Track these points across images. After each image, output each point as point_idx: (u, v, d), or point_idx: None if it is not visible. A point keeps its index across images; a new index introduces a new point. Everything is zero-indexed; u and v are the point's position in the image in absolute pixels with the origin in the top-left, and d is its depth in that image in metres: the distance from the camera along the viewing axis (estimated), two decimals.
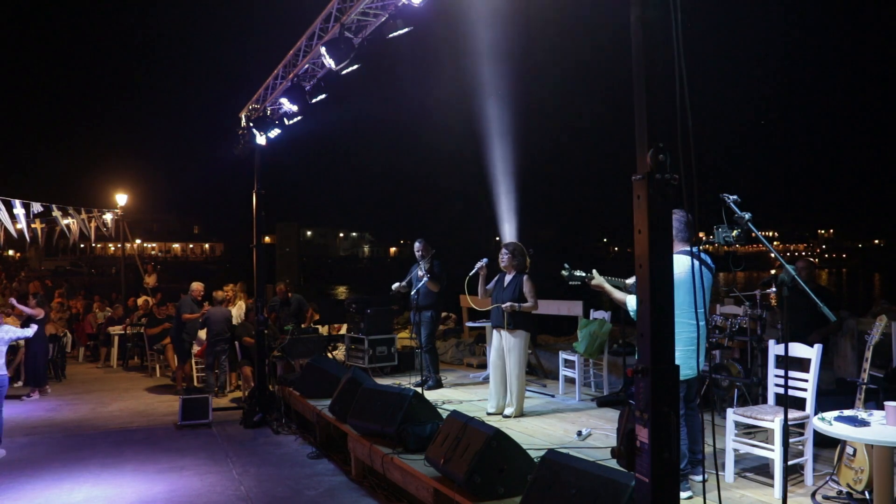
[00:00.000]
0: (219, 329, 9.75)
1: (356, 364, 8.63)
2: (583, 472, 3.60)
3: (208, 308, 10.01)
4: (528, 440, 5.51)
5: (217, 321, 9.79)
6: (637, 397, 2.75)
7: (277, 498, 5.58)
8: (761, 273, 35.70)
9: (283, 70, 7.68)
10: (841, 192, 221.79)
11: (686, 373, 4.21)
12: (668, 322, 2.75)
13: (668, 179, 2.68)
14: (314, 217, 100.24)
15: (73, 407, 9.40)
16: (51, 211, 14.69)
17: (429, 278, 7.85)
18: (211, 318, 9.79)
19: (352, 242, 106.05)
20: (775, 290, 6.08)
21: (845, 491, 4.07)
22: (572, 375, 7.45)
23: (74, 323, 14.21)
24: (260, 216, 8.72)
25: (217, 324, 9.77)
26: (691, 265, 4.21)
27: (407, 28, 5.55)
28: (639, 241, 2.73)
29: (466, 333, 11.58)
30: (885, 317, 4.55)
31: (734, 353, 6.51)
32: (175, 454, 6.94)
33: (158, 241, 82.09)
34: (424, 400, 5.84)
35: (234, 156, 8.97)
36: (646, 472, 2.68)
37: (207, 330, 9.81)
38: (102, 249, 65.14)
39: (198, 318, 10.08)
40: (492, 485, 4.25)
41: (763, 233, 3.43)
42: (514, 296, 6.44)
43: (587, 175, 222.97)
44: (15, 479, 6.19)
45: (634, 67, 2.72)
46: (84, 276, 39.02)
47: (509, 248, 6.62)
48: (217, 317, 9.82)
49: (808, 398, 4.48)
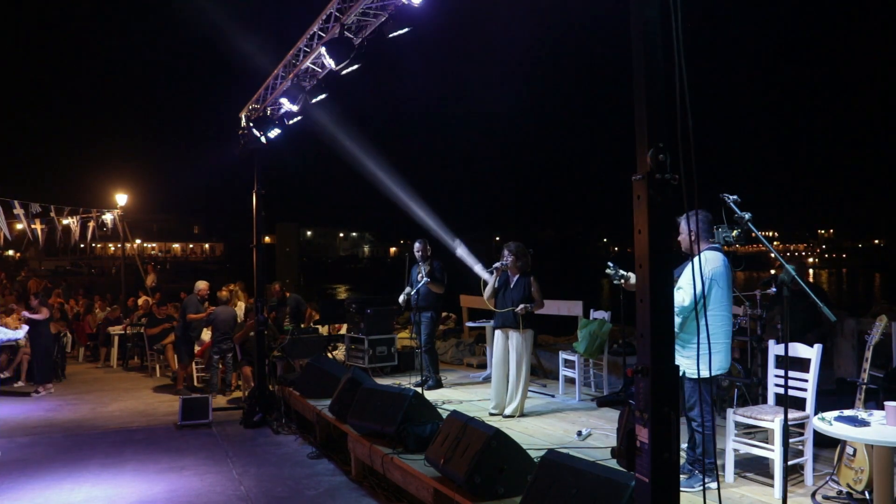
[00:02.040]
0: (225, 329, 9.78)
1: (356, 364, 8.63)
2: (583, 472, 3.60)
3: (213, 308, 10.02)
4: (528, 440, 5.51)
5: (224, 321, 9.81)
6: (637, 397, 2.75)
7: (277, 498, 5.58)
8: (761, 273, 35.70)
9: (283, 70, 7.68)
10: (841, 192, 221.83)
11: (724, 365, 4.34)
12: (668, 322, 2.75)
13: (668, 179, 2.68)
14: (314, 217, 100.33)
15: (73, 407, 9.40)
16: (49, 211, 14.71)
17: (430, 281, 7.84)
18: (218, 317, 9.81)
19: (352, 242, 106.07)
20: (775, 290, 6.11)
21: (845, 491, 4.07)
22: (572, 375, 7.45)
23: (74, 323, 14.21)
24: (260, 216, 8.72)
25: (224, 323, 9.80)
26: (723, 259, 4.32)
27: (407, 28, 5.55)
28: (639, 241, 2.73)
29: (466, 333, 11.59)
30: (885, 317, 4.55)
31: (734, 353, 6.50)
32: (175, 454, 6.94)
33: (158, 241, 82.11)
34: (424, 400, 5.84)
35: (235, 156, 8.96)
36: (646, 472, 2.68)
37: (213, 329, 9.82)
38: (102, 249, 65.17)
39: (202, 318, 10.09)
40: (492, 485, 4.25)
41: (763, 233, 3.43)
42: (524, 296, 6.43)
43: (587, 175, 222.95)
44: (15, 479, 6.19)
45: (634, 67, 2.72)
46: (84, 276, 39.01)
47: (511, 250, 6.57)
48: (223, 316, 9.85)
49: (808, 398, 4.48)
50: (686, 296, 4.18)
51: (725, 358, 4.47)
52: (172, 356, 11.07)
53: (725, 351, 4.45)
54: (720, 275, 4.35)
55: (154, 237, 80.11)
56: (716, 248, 4.40)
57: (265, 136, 8.29)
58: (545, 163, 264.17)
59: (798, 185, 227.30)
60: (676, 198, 2.71)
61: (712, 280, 4.30)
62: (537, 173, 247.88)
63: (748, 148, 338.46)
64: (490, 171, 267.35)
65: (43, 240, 15.88)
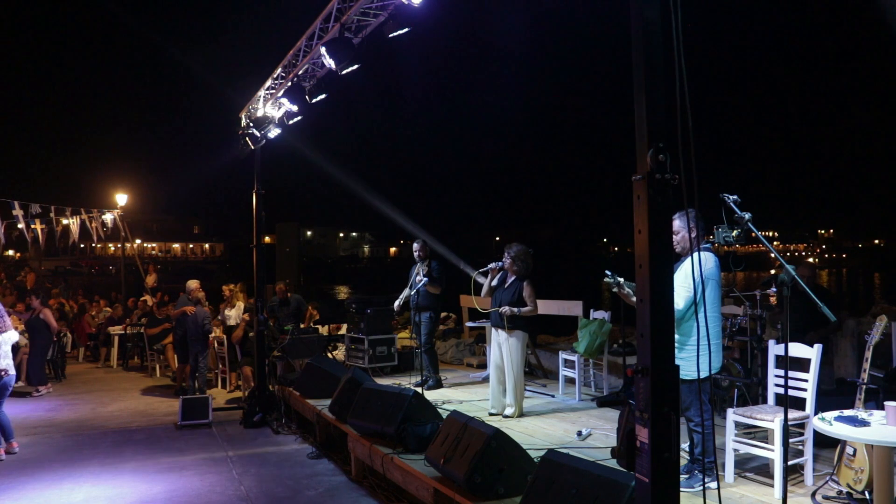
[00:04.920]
0: (195, 330, 9.60)
1: (356, 364, 8.63)
2: (583, 472, 3.60)
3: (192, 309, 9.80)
4: (528, 440, 5.51)
5: (192, 321, 9.62)
6: (637, 397, 2.75)
7: (277, 498, 5.58)
8: (761, 273, 35.71)
9: (283, 70, 7.68)
10: (841, 192, 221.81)
11: (717, 365, 4.37)
12: (668, 322, 2.75)
13: (668, 179, 2.68)
14: (314, 217, 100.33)
15: (73, 407, 9.40)
16: (49, 212, 14.71)
17: (428, 282, 7.85)
18: (186, 318, 9.67)
19: (352, 242, 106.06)
20: (775, 290, 6.11)
21: (845, 491, 4.07)
22: (572, 375, 7.45)
23: (74, 323, 14.22)
24: (260, 216, 8.72)
25: (192, 324, 9.60)
26: (715, 260, 4.36)
27: (407, 28, 5.54)
28: (639, 241, 2.73)
29: (466, 333, 11.58)
30: (885, 317, 4.55)
31: (734, 353, 6.50)
32: (175, 454, 6.94)
33: (158, 241, 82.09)
34: (424, 400, 5.84)
35: (234, 156, 8.96)
36: (646, 472, 2.68)
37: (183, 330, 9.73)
38: (102, 249, 65.18)
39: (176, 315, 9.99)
40: (492, 485, 4.25)
41: (763, 233, 3.43)
42: (513, 299, 6.43)
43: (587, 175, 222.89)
44: (15, 479, 6.19)
45: (634, 67, 2.72)
46: (84, 276, 39.01)
47: (511, 254, 6.57)
48: (192, 317, 9.65)
49: (808, 398, 4.48)
50: (679, 300, 4.18)
51: (718, 358, 4.51)
52: (172, 356, 11.06)
53: (718, 351, 4.49)
54: (714, 274, 4.38)
55: (154, 237, 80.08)
56: (707, 248, 4.43)
57: (265, 136, 8.29)
58: (545, 163, 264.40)
59: (798, 185, 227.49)
60: (676, 198, 2.71)
61: (707, 280, 4.30)
62: (537, 173, 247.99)
63: (748, 147, 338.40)
64: (490, 170, 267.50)
65: (43, 240, 15.89)
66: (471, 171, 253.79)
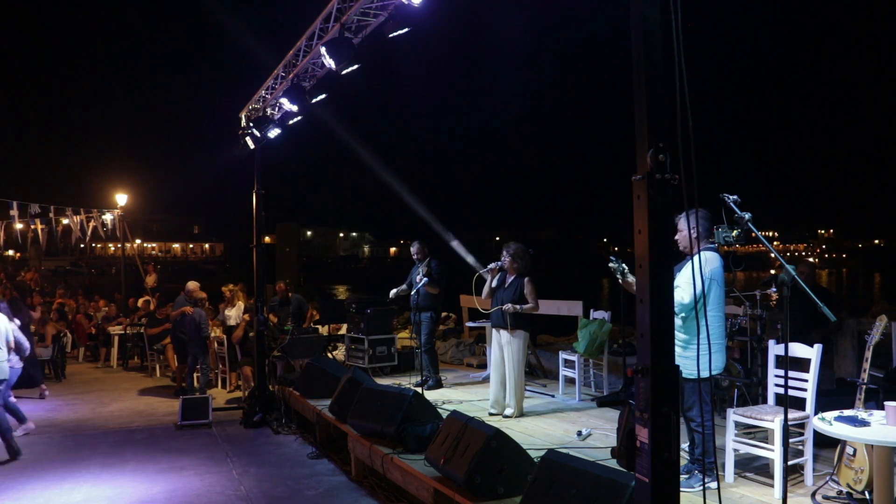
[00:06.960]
0: (192, 330, 9.61)
1: (356, 364, 8.62)
2: (583, 472, 3.60)
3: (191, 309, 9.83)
4: (528, 440, 5.51)
5: (189, 321, 9.64)
6: (637, 397, 2.74)
7: (277, 498, 5.58)
8: (761, 273, 35.69)
9: (283, 70, 7.68)
10: (841, 192, 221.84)
11: (720, 365, 4.37)
12: (668, 322, 2.75)
13: (668, 179, 2.68)
14: (314, 217, 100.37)
15: (73, 407, 9.40)
16: (48, 212, 14.71)
17: (427, 282, 7.85)
18: (184, 318, 9.70)
19: (352, 242, 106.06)
20: (775, 290, 6.11)
21: (845, 491, 4.07)
22: (572, 375, 7.45)
23: (74, 323, 14.22)
24: (260, 216, 8.72)
25: (190, 324, 9.62)
26: (720, 260, 4.35)
27: (407, 28, 5.54)
28: (639, 241, 2.73)
29: (466, 333, 11.58)
30: (885, 317, 4.54)
31: (734, 353, 6.50)
32: (175, 454, 6.94)
33: (158, 241, 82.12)
34: (424, 400, 5.84)
35: (234, 156, 8.97)
36: (646, 472, 2.68)
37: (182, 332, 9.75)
38: (102, 249, 65.19)
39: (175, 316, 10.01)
40: (492, 485, 4.25)
41: (763, 233, 3.43)
42: (515, 297, 6.44)
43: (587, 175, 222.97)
44: (15, 478, 6.19)
45: (634, 67, 2.72)
46: (84, 275, 39.00)
47: (510, 251, 6.58)
48: (189, 318, 9.67)
49: (808, 398, 4.48)
50: (685, 294, 4.19)
51: (722, 358, 4.50)
52: (172, 356, 11.06)
53: (722, 351, 4.49)
54: (719, 275, 4.37)
55: (154, 237, 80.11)
56: (712, 247, 4.42)
57: (265, 136, 8.29)
58: (545, 163, 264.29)
59: (798, 185, 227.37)
60: (676, 198, 2.71)
61: (711, 280, 4.31)
62: (537, 173, 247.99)
63: (748, 147, 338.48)
64: (490, 171, 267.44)
65: (43, 240, 15.89)
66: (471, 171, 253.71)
